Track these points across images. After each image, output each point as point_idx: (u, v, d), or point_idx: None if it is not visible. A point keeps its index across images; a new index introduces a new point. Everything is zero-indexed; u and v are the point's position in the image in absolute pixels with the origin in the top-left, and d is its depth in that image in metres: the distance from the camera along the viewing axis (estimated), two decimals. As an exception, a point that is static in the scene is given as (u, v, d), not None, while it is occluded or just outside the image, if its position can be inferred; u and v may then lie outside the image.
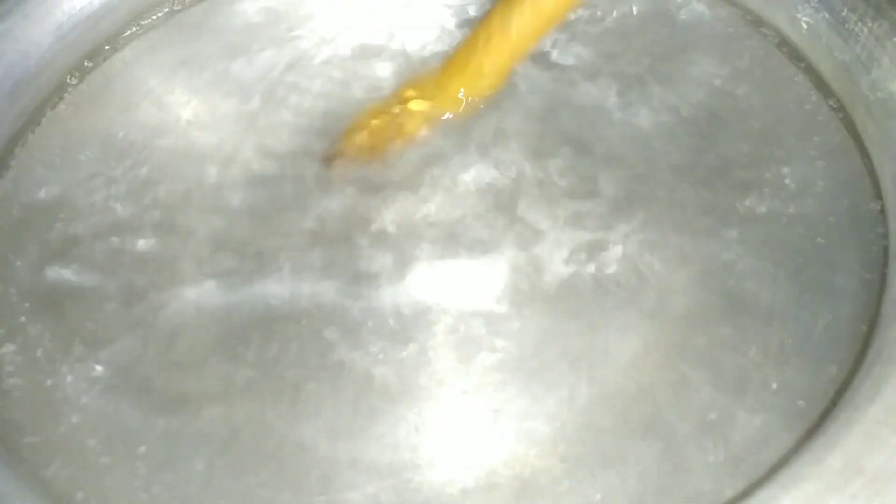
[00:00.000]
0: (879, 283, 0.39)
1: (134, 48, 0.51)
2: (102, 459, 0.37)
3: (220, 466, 0.37)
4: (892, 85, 0.43)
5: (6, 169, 0.46)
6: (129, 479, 0.36)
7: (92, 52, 0.50)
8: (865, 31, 0.44)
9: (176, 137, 0.47)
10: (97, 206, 0.44)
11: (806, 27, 0.46)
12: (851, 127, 0.44)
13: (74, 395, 0.39)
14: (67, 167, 0.46)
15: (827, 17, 0.46)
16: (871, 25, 0.44)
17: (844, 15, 0.45)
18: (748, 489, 0.34)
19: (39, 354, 0.40)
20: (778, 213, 0.42)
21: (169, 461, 0.37)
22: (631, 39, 0.49)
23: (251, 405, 0.38)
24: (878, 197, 0.41)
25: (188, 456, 0.37)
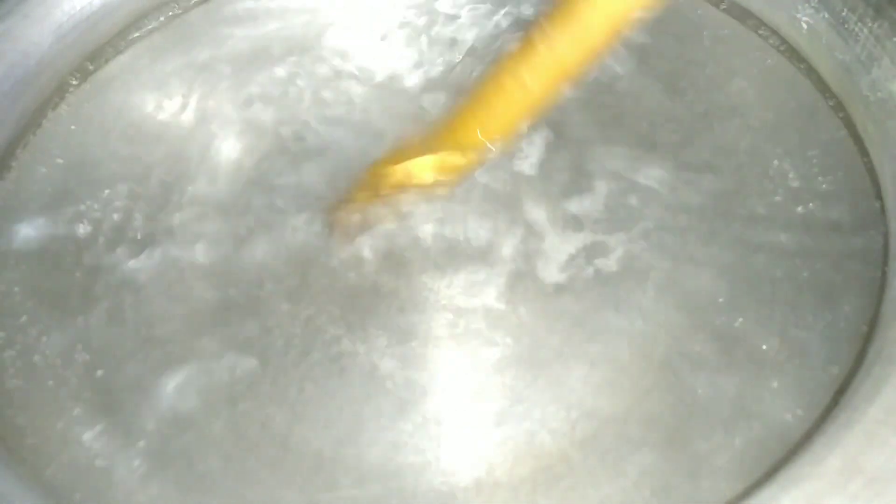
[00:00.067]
0: (879, 283, 0.39)
1: (135, 50, 0.51)
2: (102, 460, 0.37)
3: (220, 466, 0.37)
4: (892, 85, 0.43)
5: (7, 170, 0.46)
6: (128, 479, 0.36)
7: (93, 53, 0.50)
8: (865, 31, 0.44)
9: (177, 140, 0.47)
10: (99, 208, 0.44)
11: (806, 27, 0.46)
12: (851, 127, 0.44)
13: (75, 396, 0.39)
14: (69, 169, 0.46)
15: (827, 17, 0.46)
16: (871, 25, 0.44)
17: (844, 15, 0.45)
18: (748, 489, 0.34)
19: (40, 356, 0.40)
20: (778, 212, 0.42)
21: (169, 461, 0.37)
22: (629, 39, 0.49)
23: (252, 403, 0.38)
24: (878, 197, 0.41)
25: (188, 456, 0.37)
